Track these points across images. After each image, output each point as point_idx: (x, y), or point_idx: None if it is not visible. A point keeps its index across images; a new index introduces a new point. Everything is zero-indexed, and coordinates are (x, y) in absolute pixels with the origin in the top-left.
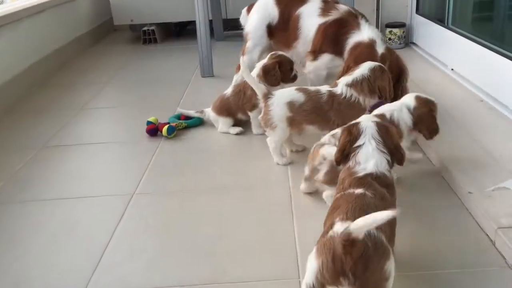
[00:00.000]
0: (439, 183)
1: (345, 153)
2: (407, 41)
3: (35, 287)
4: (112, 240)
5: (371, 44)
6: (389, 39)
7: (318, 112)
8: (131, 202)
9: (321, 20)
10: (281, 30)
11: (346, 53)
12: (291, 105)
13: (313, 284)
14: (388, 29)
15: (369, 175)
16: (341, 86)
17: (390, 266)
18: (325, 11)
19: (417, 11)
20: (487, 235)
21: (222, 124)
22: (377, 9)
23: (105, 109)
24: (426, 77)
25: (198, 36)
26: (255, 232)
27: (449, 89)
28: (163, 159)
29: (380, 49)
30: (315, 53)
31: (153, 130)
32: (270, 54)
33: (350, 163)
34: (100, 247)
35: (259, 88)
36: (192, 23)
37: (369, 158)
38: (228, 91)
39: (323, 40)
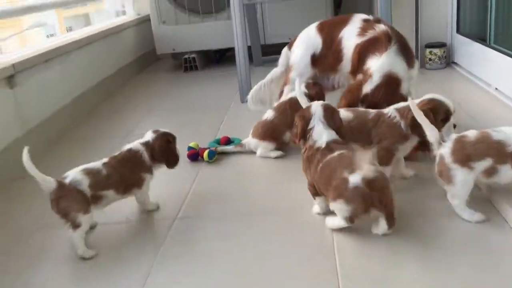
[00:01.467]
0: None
1: (304, 133)
2: (448, 61)
3: None
4: (154, 265)
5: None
6: (430, 59)
7: (362, 129)
8: (173, 227)
9: (358, 40)
10: (325, 57)
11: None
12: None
13: (349, 217)
14: (428, 50)
15: (329, 143)
16: (390, 108)
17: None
18: (363, 30)
19: (458, 31)
20: None
21: (264, 148)
22: (416, 29)
23: None
24: (469, 97)
25: (237, 62)
26: (295, 255)
27: (493, 108)
28: (204, 184)
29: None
30: (354, 73)
31: (194, 155)
32: (306, 84)
33: (309, 142)
34: (144, 271)
35: (303, 102)
36: (232, 49)
37: (321, 134)
38: (269, 115)
39: (358, 60)
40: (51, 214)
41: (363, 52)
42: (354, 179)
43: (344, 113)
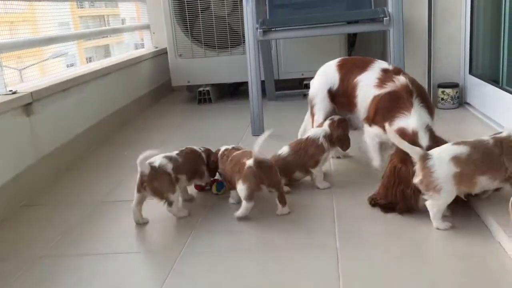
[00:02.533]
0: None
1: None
2: (461, 101)
3: None
4: None
5: (413, 139)
6: (442, 99)
7: (489, 158)
8: (179, 259)
9: (377, 91)
10: (341, 96)
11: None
12: (456, 159)
13: (248, 195)
14: (441, 89)
15: (233, 147)
16: (509, 130)
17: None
18: (382, 82)
19: (470, 72)
20: None
21: None
22: (429, 70)
23: None
24: None
25: (250, 96)
26: None
27: None
28: (212, 217)
29: (424, 141)
30: (369, 122)
31: (200, 186)
32: (329, 119)
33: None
34: None
35: (416, 151)
36: (245, 83)
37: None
38: (284, 150)
39: (375, 112)
40: (58, 242)
41: (382, 106)
42: (249, 162)
43: (458, 148)
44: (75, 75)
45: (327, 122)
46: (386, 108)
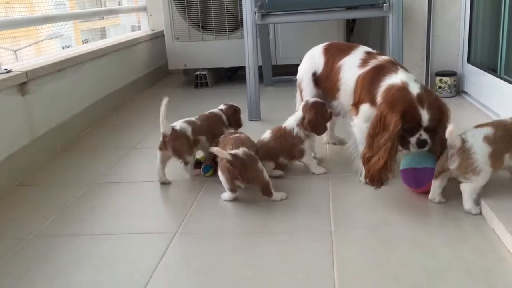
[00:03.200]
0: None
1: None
2: (458, 90)
3: None
4: (152, 279)
5: (403, 86)
6: (439, 87)
7: (510, 135)
8: (173, 241)
9: (360, 71)
10: (325, 80)
11: (379, 97)
12: (488, 139)
13: (228, 188)
14: (438, 78)
15: (234, 132)
16: None
17: (260, 164)
18: (365, 61)
19: (468, 60)
20: None
21: (265, 167)
22: (427, 58)
23: (155, 149)
24: None
25: (247, 81)
26: (294, 278)
27: None
28: (207, 199)
29: (414, 90)
30: (356, 105)
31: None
32: (303, 104)
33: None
34: (140, 285)
35: (456, 138)
36: (243, 68)
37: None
38: (266, 136)
39: (361, 89)
40: (52, 222)
41: (367, 81)
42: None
43: (484, 129)
44: (70, 56)
45: (301, 105)
46: (371, 81)
